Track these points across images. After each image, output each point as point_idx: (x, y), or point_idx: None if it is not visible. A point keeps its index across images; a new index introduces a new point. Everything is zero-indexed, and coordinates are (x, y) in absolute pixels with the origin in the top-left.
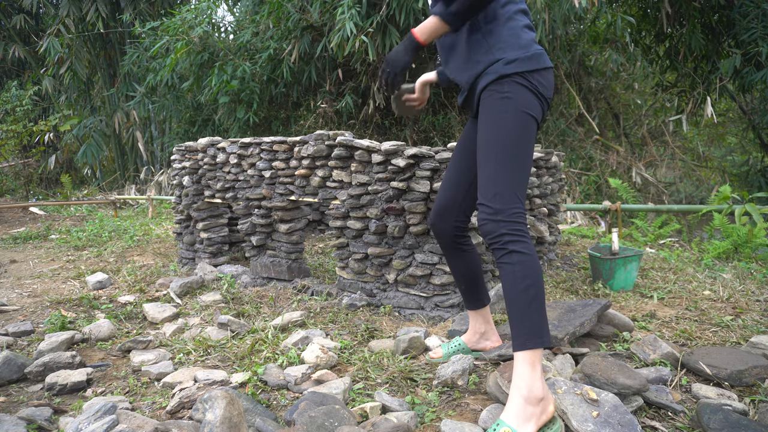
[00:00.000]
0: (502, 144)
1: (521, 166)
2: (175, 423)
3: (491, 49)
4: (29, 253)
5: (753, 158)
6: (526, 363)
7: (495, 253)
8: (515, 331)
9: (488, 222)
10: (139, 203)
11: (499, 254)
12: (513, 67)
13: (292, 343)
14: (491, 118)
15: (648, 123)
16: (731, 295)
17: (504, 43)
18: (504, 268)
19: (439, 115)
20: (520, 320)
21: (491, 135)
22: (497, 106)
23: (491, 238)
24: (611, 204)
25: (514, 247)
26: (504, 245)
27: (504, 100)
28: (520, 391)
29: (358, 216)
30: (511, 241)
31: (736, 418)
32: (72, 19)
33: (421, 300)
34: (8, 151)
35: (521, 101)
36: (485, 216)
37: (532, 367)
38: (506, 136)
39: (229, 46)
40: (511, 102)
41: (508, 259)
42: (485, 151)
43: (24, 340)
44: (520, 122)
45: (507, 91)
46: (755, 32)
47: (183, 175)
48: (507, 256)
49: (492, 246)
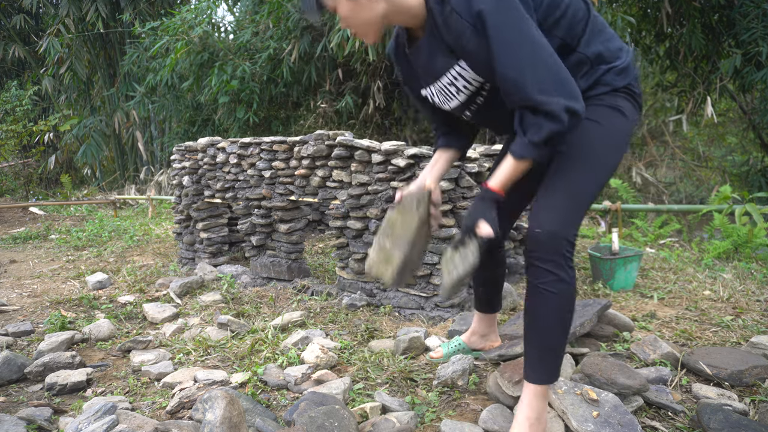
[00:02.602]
0: (600, 161)
1: (599, 191)
2: (175, 423)
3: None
4: (29, 253)
5: (753, 158)
6: (541, 396)
7: (539, 274)
8: (537, 363)
9: (551, 235)
10: (139, 203)
11: (546, 278)
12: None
13: (292, 343)
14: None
15: (648, 123)
16: (731, 295)
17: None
18: (545, 295)
19: None
20: (550, 353)
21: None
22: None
23: (544, 253)
24: (611, 204)
25: (564, 275)
26: (556, 269)
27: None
28: (529, 421)
29: (358, 216)
30: (563, 267)
31: (736, 418)
32: (72, 19)
33: (421, 300)
34: (8, 151)
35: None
36: (551, 227)
37: (543, 400)
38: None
39: (229, 46)
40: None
41: (554, 287)
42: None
43: (24, 340)
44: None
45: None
46: (755, 32)
47: (183, 175)
48: (554, 283)
49: (542, 265)
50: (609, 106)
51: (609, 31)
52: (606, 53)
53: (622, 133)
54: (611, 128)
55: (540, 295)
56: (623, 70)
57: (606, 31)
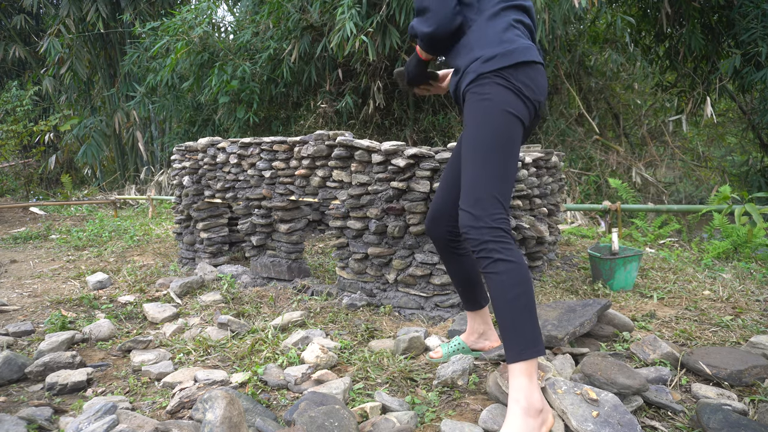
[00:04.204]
0: (483, 147)
1: (504, 169)
2: (175, 423)
3: (473, 47)
4: (29, 253)
5: (753, 158)
6: (523, 374)
7: (480, 263)
8: (509, 343)
9: (470, 229)
10: (139, 203)
11: (485, 263)
12: (491, 64)
13: (292, 343)
14: (472, 121)
15: (648, 123)
16: (731, 295)
17: (485, 40)
18: (491, 278)
19: (439, 115)
20: (513, 331)
21: (472, 138)
22: (478, 108)
23: (475, 245)
24: (611, 204)
25: (499, 255)
26: (489, 254)
27: (484, 101)
28: (519, 404)
29: (358, 216)
30: (496, 249)
31: (735, 417)
32: (72, 19)
33: (421, 300)
34: (8, 151)
35: (502, 101)
36: (467, 223)
37: (529, 378)
38: (487, 139)
39: (229, 46)
40: (491, 104)
41: (494, 268)
42: (466, 156)
43: (24, 340)
44: (502, 123)
45: (487, 93)
46: (755, 32)
47: (183, 175)
48: (492, 265)
49: (477, 255)
50: (473, 92)
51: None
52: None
53: (487, 112)
54: (474, 112)
55: (489, 279)
56: (490, 59)
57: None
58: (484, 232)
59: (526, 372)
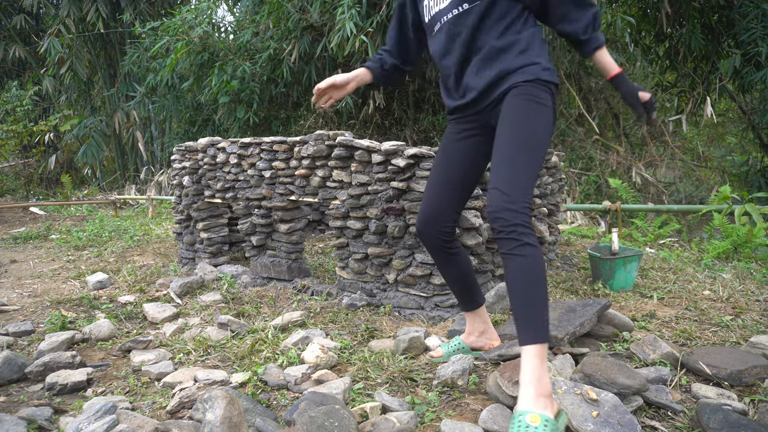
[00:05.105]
0: (533, 144)
1: (539, 170)
2: (175, 423)
3: (526, 51)
4: (29, 253)
5: (753, 158)
6: (537, 357)
7: (506, 244)
8: (525, 324)
9: (504, 210)
10: (139, 203)
11: (512, 245)
12: (548, 75)
13: (292, 343)
14: (526, 114)
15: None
16: (731, 295)
17: (538, 49)
18: (515, 260)
19: (439, 115)
20: (532, 313)
21: (525, 130)
22: (533, 108)
23: (505, 225)
24: (611, 204)
25: (527, 239)
26: (519, 236)
27: (540, 105)
28: (532, 384)
29: (358, 216)
30: (525, 233)
31: (735, 417)
32: (72, 20)
33: (421, 300)
34: (8, 151)
35: (552, 111)
36: (502, 203)
37: (541, 361)
38: (538, 139)
39: (229, 46)
40: (546, 110)
41: (522, 251)
42: (516, 143)
43: (24, 340)
44: (549, 131)
45: (543, 98)
46: (755, 32)
47: (183, 175)
48: (521, 247)
49: (504, 236)
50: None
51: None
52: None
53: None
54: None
55: (513, 261)
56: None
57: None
58: (517, 215)
59: (540, 355)
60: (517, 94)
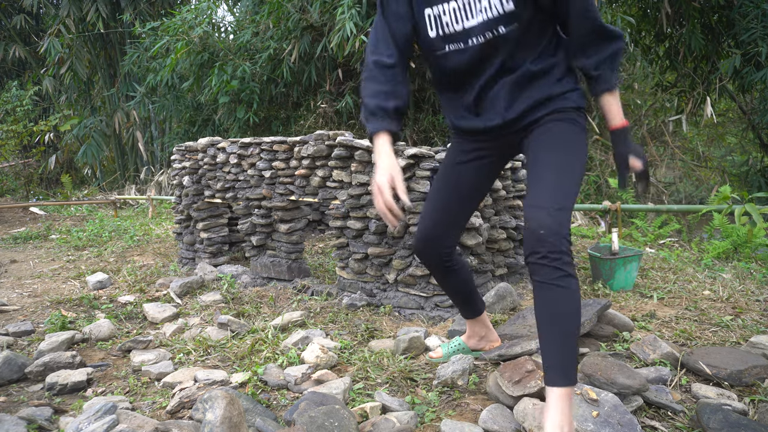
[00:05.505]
0: (578, 171)
1: (576, 197)
2: (175, 423)
3: (565, 77)
4: (29, 253)
5: (753, 158)
6: (566, 399)
7: (548, 272)
8: (557, 362)
9: (552, 234)
10: (139, 203)
11: (556, 274)
12: (583, 101)
13: (292, 343)
14: (572, 141)
15: (648, 123)
16: (731, 295)
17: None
18: (556, 291)
19: (439, 115)
20: (566, 352)
21: (572, 156)
22: (578, 136)
23: (552, 251)
24: (611, 204)
25: (572, 271)
26: (564, 266)
27: (582, 133)
28: (561, 429)
29: (358, 216)
30: (570, 263)
31: (735, 417)
32: (72, 19)
33: (421, 300)
34: (8, 151)
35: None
36: (552, 226)
37: (570, 404)
38: (579, 166)
39: (229, 46)
40: (585, 136)
41: (566, 282)
42: (563, 168)
43: (24, 340)
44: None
45: (582, 124)
46: (755, 32)
47: (183, 175)
48: (565, 279)
49: (548, 262)
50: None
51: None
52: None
53: (583, 142)
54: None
55: (553, 292)
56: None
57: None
58: (563, 242)
59: (569, 396)
60: (562, 119)
